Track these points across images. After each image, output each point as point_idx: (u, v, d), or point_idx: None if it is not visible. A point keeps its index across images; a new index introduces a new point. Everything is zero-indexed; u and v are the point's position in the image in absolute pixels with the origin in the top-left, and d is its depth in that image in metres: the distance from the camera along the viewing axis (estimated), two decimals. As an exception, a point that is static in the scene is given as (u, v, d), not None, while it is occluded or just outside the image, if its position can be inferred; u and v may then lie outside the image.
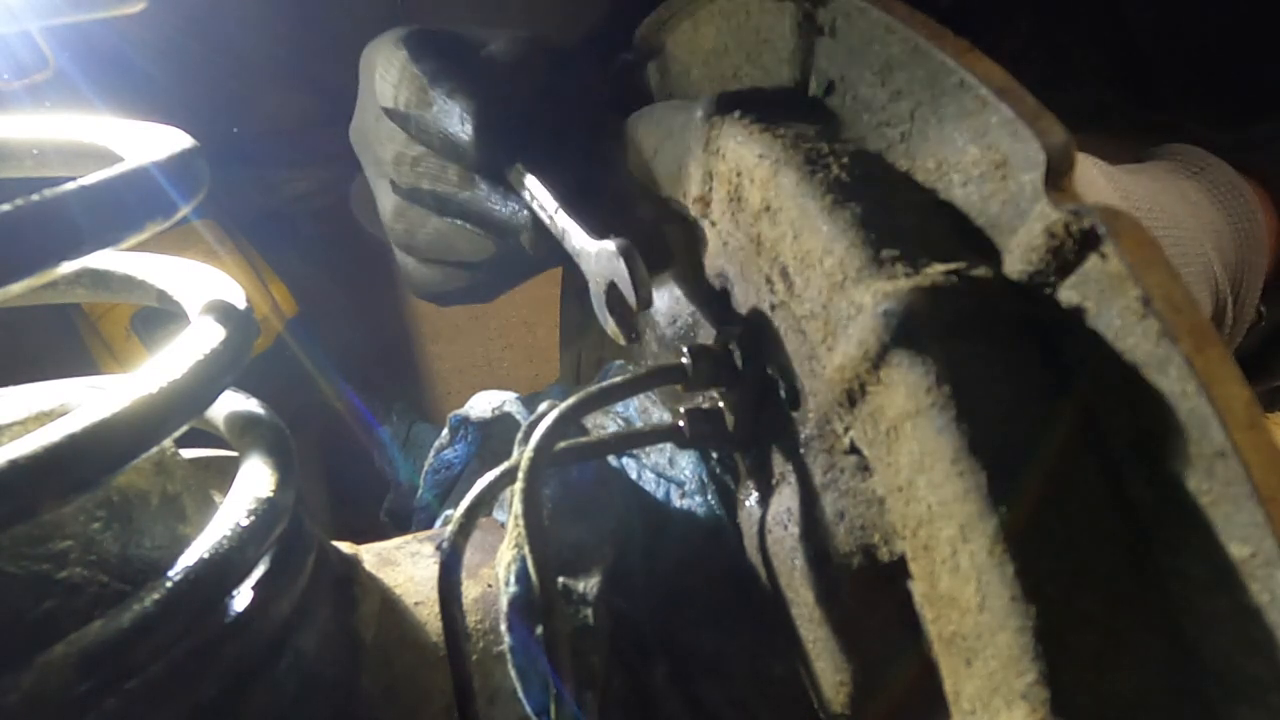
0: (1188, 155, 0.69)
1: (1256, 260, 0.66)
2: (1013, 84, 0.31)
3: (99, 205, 0.29)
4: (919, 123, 0.35)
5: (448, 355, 1.29)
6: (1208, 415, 0.25)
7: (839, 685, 0.38)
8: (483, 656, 0.43)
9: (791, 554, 0.39)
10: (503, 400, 0.54)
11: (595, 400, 0.40)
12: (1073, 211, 0.28)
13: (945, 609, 0.29)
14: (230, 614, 0.35)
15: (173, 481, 0.39)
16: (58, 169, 0.39)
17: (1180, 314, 0.26)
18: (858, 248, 0.32)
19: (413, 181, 0.58)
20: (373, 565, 0.46)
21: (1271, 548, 0.24)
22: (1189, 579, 0.27)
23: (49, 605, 0.32)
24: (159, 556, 0.36)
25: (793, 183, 0.35)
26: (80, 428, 0.28)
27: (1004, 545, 0.27)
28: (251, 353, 0.37)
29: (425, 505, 0.60)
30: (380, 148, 0.59)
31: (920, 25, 0.34)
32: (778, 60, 0.43)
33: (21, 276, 0.27)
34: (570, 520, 0.44)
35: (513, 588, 0.38)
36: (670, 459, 0.50)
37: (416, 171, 0.57)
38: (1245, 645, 0.25)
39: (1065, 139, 0.29)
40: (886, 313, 0.29)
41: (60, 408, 0.37)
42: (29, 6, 0.46)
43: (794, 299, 0.36)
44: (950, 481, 0.28)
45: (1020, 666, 0.26)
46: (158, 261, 0.43)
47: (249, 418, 0.42)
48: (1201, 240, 0.63)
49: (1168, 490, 0.27)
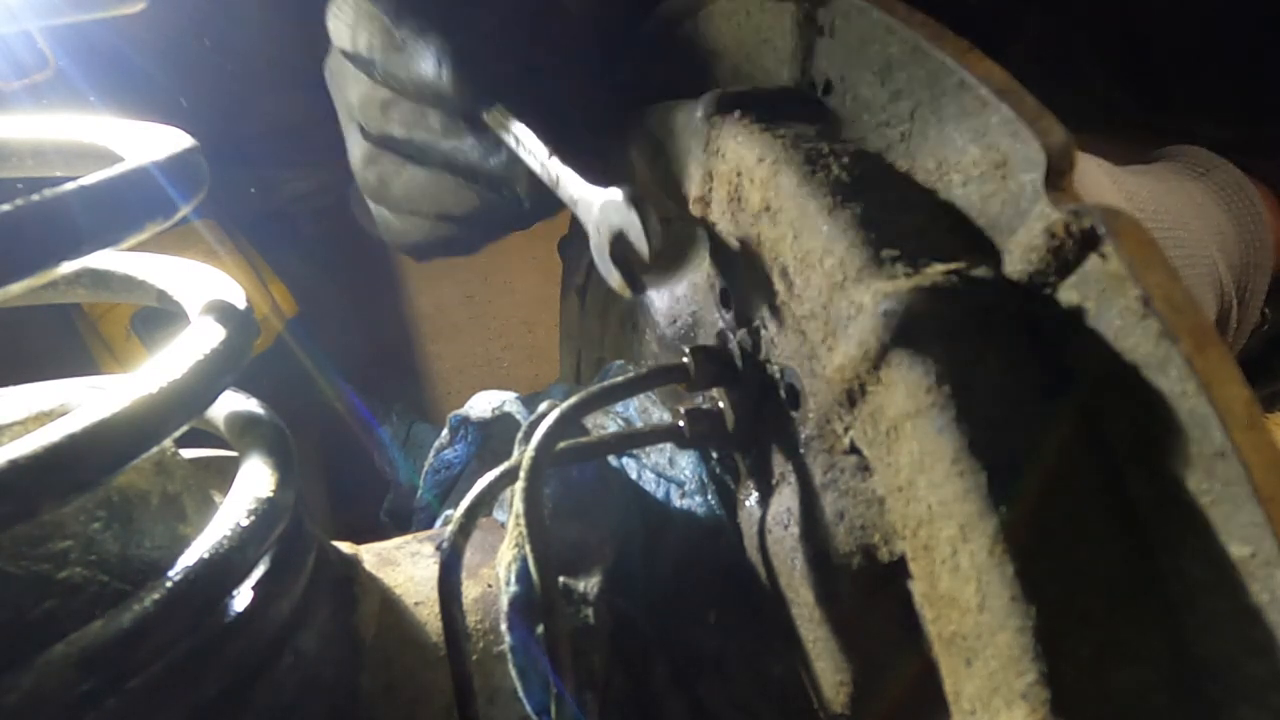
0: (1194, 156, 0.69)
1: (1262, 262, 0.66)
2: (1013, 84, 0.31)
3: (99, 205, 0.29)
4: (919, 123, 0.35)
5: (448, 355, 1.29)
6: (1208, 415, 0.25)
7: (839, 685, 0.38)
8: (483, 656, 0.43)
9: (791, 554, 0.39)
10: (503, 400, 0.54)
11: (596, 400, 0.40)
12: (1073, 211, 0.28)
13: (945, 609, 0.29)
14: (230, 614, 0.35)
15: (173, 481, 0.39)
16: (58, 169, 0.39)
17: (1180, 314, 0.26)
18: (858, 248, 0.32)
19: (383, 127, 0.52)
20: (373, 565, 0.46)
21: (1271, 548, 0.24)
22: (1189, 579, 0.26)
23: (49, 605, 0.32)
24: (159, 556, 0.36)
25: (793, 183, 0.35)
26: (80, 428, 0.28)
27: (1004, 545, 0.27)
28: (251, 353, 0.37)
29: (425, 505, 0.60)
30: (347, 89, 0.54)
31: (920, 25, 0.34)
32: (778, 60, 0.43)
33: (21, 276, 0.27)
34: (571, 520, 0.44)
35: (513, 587, 0.38)
36: (670, 459, 0.50)
37: (388, 117, 0.52)
38: (1245, 645, 0.25)
39: (1065, 139, 0.29)
40: (887, 313, 0.29)
41: (60, 408, 0.37)
42: (29, 6, 0.46)
43: (794, 299, 0.36)
44: (950, 481, 0.28)
45: (1020, 666, 0.26)
46: (158, 261, 0.43)
47: (249, 418, 0.42)
48: (1207, 242, 0.63)
49: (1168, 490, 0.26)
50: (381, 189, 0.56)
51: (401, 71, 0.48)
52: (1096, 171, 0.60)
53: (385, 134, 0.53)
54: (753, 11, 0.44)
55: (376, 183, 0.56)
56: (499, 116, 0.47)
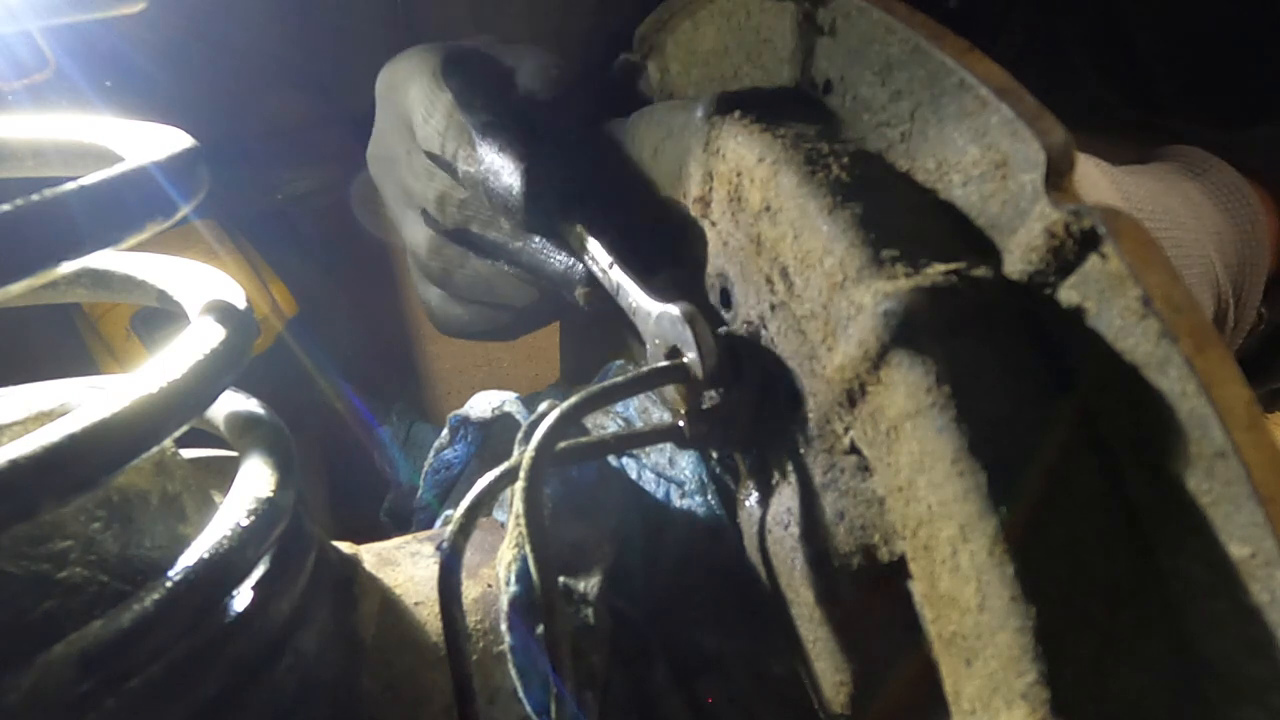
0: (1190, 156, 0.69)
1: (1258, 262, 0.66)
2: (1013, 84, 0.31)
3: (99, 205, 0.29)
4: (919, 123, 0.35)
5: (448, 355, 1.29)
6: (1208, 415, 0.25)
7: (839, 685, 0.38)
8: (483, 656, 0.43)
9: (791, 554, 0.39)
10: (503, 400, 0.54)
11: (596, 400, 0.40)
12: (1073, 211, 0.28)
13: (945, 609, 0.29)
14: (230, 614, 0.35)
15: (173, 481, 0.39)
16: (58, 169, 0.39)
17: (1180, 314, 0.26)
18: (858, 248, 0.32)
19: (460, 223, 0.57)
20: (373, 565, 0.46)
21: (1271, 548, 0.24)
22: (1189, 579, 0.26)
23: (49, 605, 0.32)
24: (159, 556, 0.36)
25: (793, 183, 0.35)
26: (80, 428, 0.28)
27: (1004, 545, 0.27)
28: (251, 353, 0.37)
29: (425, 505, 0.60)
30: (415, 182, 0.58)
31: (920, 25, 0.34)
32: (778, 60, 0.43)
33: (21, 276, 0.27)
34: (571, 520, 0.44)
35: (513, 587, 0.38)
36: (670, 459, 0.50)
37: (465, 214, 0.57)
38: (1245, 645, 0.25)
39: (1065, 139, 0.29)
40: (886, 313, 0.29)
41: (60, 408, 0.37)
42: (29, 6, 0.46)
43: (794, 299, 0.36)
44: (950, 481, 0.28)
45: (1020, 666, 0.26)
46: (158, 261, 0.43)
47: (249, 418, 0.42)
48: (1204, 242, 0.63)
49: (1168, 490, 0.26)
50: (445, 276, 0.60)
51: (480, 181, 0.52)
52: (1094, 171, 0.60)
53: (461, 229, 0.57)
54: (753, 12, 0.44)
55: (440, 270, 0.60)
56: (567, 226, 0.51)
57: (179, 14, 0.82)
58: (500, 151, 0.51)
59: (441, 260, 0.59)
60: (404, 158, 0.59)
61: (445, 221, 0.58)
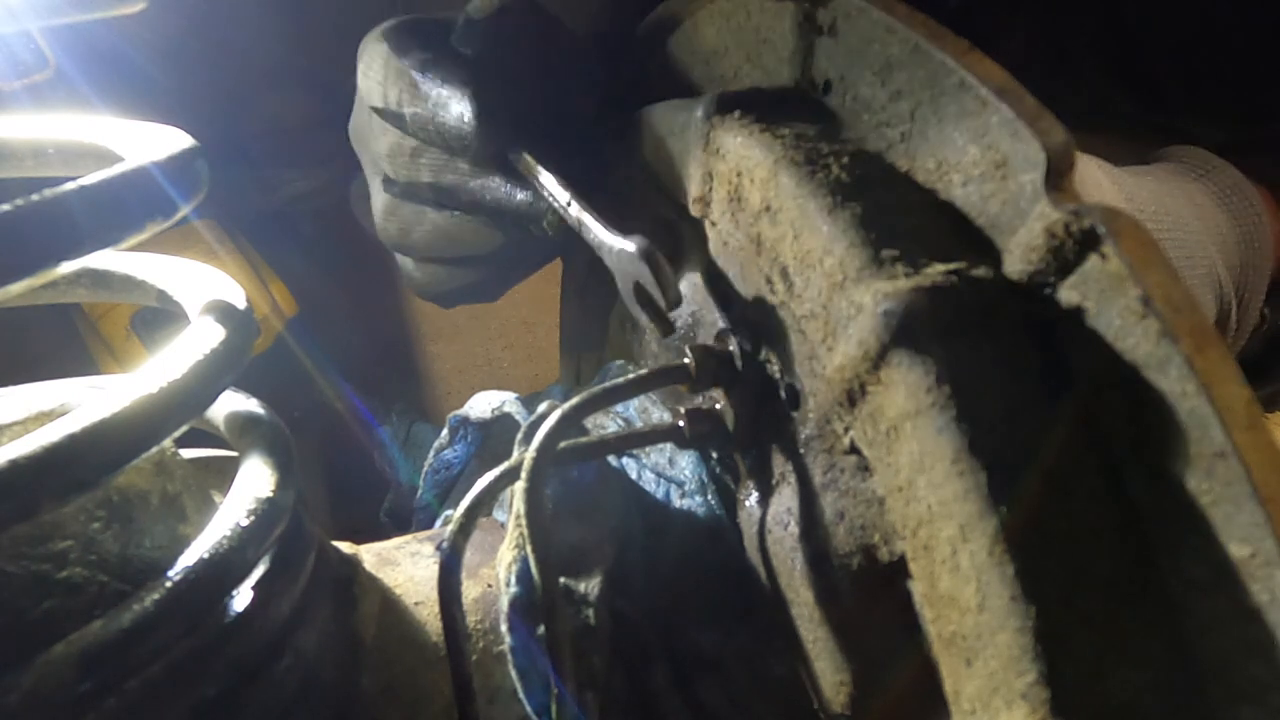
0: (1193, 157, 0.69)
1: (1261, 263, 0.66)
2: (1013, 84, 0.31)
3: (99, 205, 0.29)
4: (919, 123, 0.35)
5: (448, 355, 1.29)
6: (1208, 415, 0.25)
7: (839, 685, 0.38)
8: (483, 656, 0.43)
9: (791, 554, 0.39)
10: (503, 400, 0.54)
11: (597, 401, 0.40)
12: (1073, 211, 0.28)
13: (945, 609, 0.29)
14: (230, 614, 0.35)
15: (173, 481, 0.39)
16: (58, 169, 0.39)
17: (1180, 314, 0.26)
18: (858, 248, 0.32)
19: (411, 175, 0.56)
20: (373, 565, 0.46)
21: (1271, 548, 0.24)
22: (1189, 579, 0.27)
23: (49, 605, 0.32)
24: (159, 556, 0.36)
25: (793, 183, 0.35)
26: (80, 428, 0.28)
27: (1004, 545, 0.27)
28: (251, 353, 0.37)
29: (425, 505, 0.60)
30: (374, 142, 0.57)
31: (920, 25, 0.34)
32: (778, 60, 0.43)
33: (21, 276, 0.27)
34: (571, 520, 0.44)
35: (514, 588, 0.38)
36: (670, 459, 0.50)
37: (417, 164, 0.55)
38: (1245, 645, 0.25)
39: (1065, 139, 0.29)
40: (886, 313, 0.29)
41: (60, 408, 0.37)
42: (29, 6, 0.46)
43: (794, 299, 0.36)
44: (950, 481, 0.28)
45: (1020, 666, 0.26)
46: (158, 261, 0.43)
47: (249, 418, 0.42)
48: (1206, 243, 0.63)
49: (1168, 490, 0.27)
50: (403, 237, 0.59)
51: (429, 122, 0.51)
52: (1096, 172, 0.60)
53: (413, 181, 0.56)
54: (753, 12, 0.44)
55: (398, 232, 0.59)
56: (527, 161, 0.50)
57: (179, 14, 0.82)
58: (444, 84, 0.50)
59: (398, 220, 0.58)
60: (366, 122, 0.57)
61: (399, 175, 0.56)
